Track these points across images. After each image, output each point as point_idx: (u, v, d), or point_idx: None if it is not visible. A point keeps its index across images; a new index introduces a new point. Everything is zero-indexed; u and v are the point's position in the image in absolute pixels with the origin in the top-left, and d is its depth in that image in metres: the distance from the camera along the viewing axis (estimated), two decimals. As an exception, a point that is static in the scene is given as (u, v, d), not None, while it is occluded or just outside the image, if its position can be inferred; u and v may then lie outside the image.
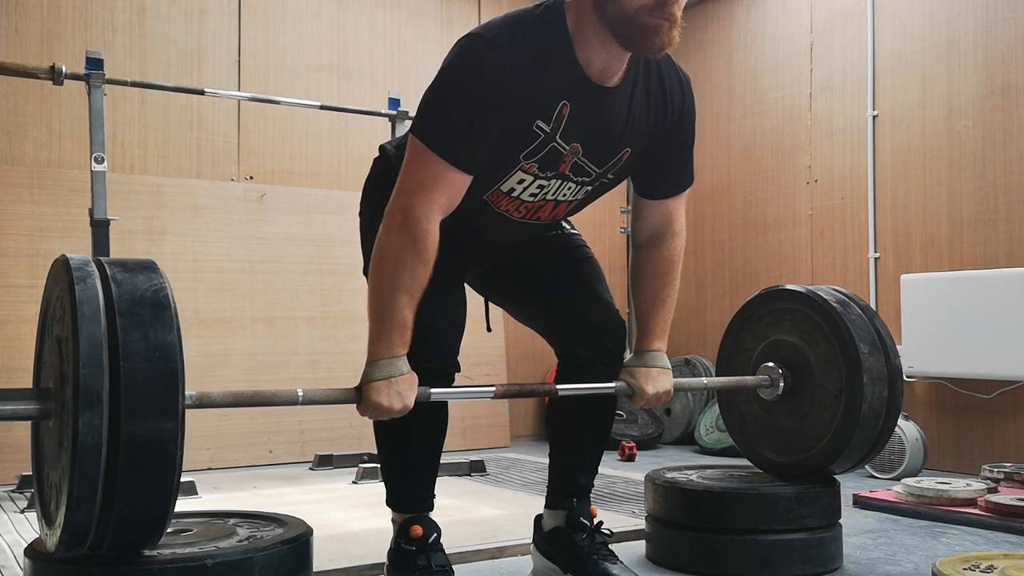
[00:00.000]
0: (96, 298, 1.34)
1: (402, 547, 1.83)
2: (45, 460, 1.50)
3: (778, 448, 2.25)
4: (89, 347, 1.29)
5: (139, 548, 1.47)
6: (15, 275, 3.62)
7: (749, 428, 2.33)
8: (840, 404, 2.10)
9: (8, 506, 2.97)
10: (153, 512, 1.38)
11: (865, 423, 2.08)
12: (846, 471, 2.22)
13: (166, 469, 1.34)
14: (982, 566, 1.93)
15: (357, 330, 4.28)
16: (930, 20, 3.92)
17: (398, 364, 1.69)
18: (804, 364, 2.18)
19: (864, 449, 2.14)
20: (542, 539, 2.06)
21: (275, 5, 4.38)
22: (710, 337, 4.93)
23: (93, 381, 1.28)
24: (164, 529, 1.42)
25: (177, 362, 1.35)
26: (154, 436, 1.32)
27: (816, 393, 2.16)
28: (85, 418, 1.27)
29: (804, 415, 2.19)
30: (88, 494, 1.30)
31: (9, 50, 3.75)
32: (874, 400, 2.08)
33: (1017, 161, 3.59)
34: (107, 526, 1.34)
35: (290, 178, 4.35)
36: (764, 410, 2.28)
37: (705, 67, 5.01)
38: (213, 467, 3.87)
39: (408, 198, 1.65)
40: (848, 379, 2.09)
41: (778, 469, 2.25)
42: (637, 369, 1.91)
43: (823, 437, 2.13)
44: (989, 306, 3.47)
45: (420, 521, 1.84)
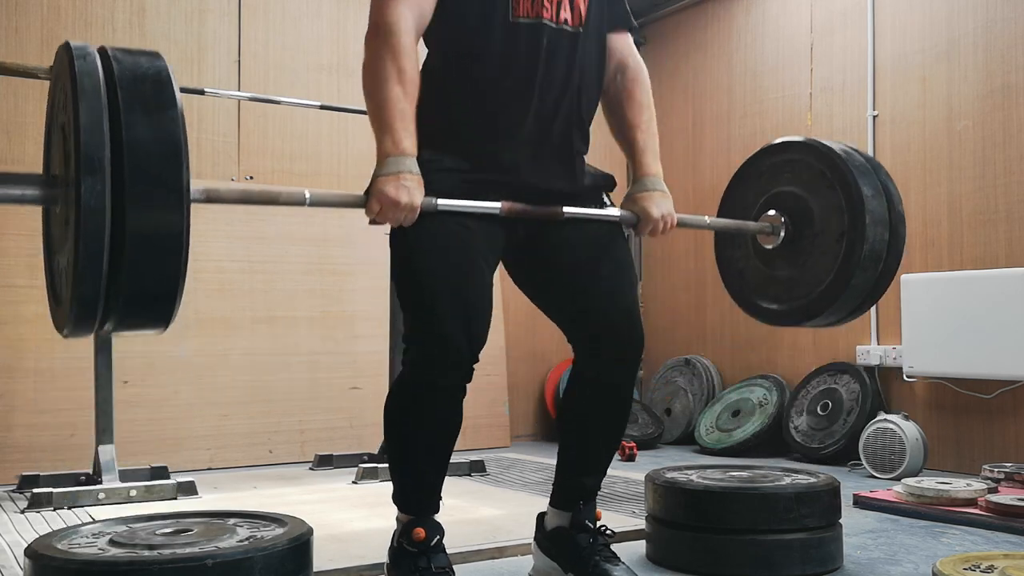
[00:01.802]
0: (95, 72, 1.31)
1: (404, 547, 1.83)
2: (54, 248, 1.49)
3: (777, 297, 2.21)
4: (89, 120, 1.27)
5: (147, 328, 1.43)
6: (15, 275, 3.62)
7: (748, 282, 2.28)
8: (841, 247, 2.06)
9: (8, 506, 2.97)
10: (160, 288, 1.34)
11: (866, 264, 2.04)
12: (845, 318, 2.17)
13: (171, 244, 1.31)
14: (982, 566, 1.93)
15: (357, 330, 4.28)
16: (930, 20, 3.92)
17: (406, 161, 1.68)
18: (805, 212, 2.14)
19: (863, 292, 2.09)
20: (544, 537, 2.06)
21: (275, 5, 4.38)
22: (710, 337, 4.93)
23: (94, 150, 1.25)
24: (172, 311, 1.38)
25: (180, 132, 1.32)
26: (159, 208, 1.30)
27: (817, 240, 2.12)
28: (87, 185, 1.25)
29: (804, 262, 2.14)
30: (94, 264, 1.27)
31: (9, 50, 3.75)
32: (875, 241, 2.04)
33: (1017, 161, 3.59)
34: (115, 301, 1.31)
35: (290, 178, 4.35)
36: (764, 262, 2.24)
37: (705, 67, 5.01)
38: (213, 467, 3.87)
39: (378, 8, 1.74)
40: (850, 221, 2.05)
41: (778, 317, 2.21)
42: (639, 195, 1.92)
43: (822, 281, 2.09)
44: (989, 306, 3.47)
45: (424, 524, 1.83)
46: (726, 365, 4.84)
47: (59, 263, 1.44)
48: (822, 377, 4.18)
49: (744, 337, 4.74)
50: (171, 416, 3.83)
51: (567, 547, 1.98)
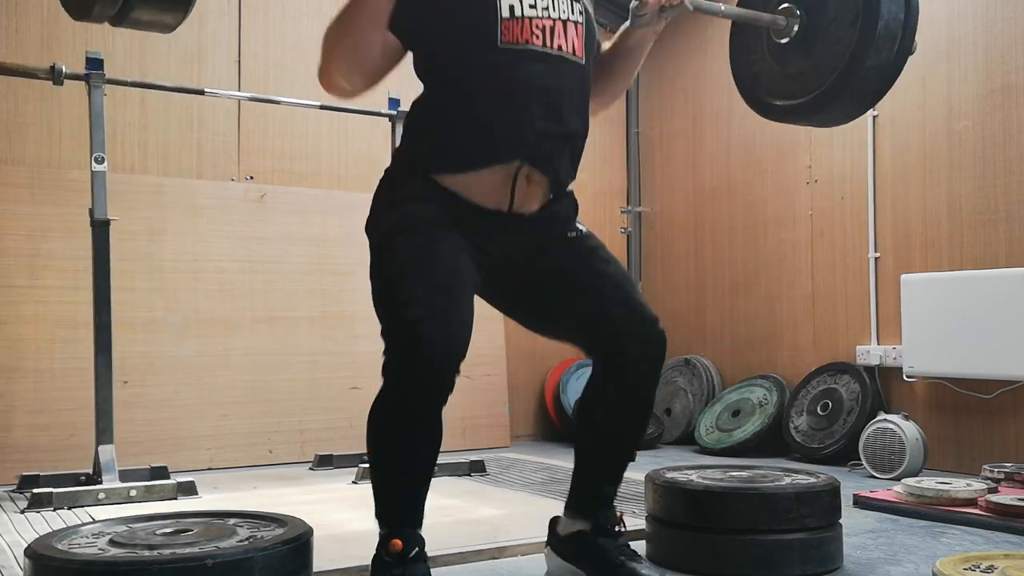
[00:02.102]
0: None
1: (382, 558, 1.78)
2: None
3: (791, 93, 2.16)
4: None
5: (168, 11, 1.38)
6: (15, 275, 3.62)
7: (763, 83, 2.24)
8: (855, 29, 2.02)
9: (8, 506, 2.97)
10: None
11: (881, 44, 2.00)
12: (854, 112, 2.13)
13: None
14: (982, 566, 1.93)
15: (357, 330, 4.28)
16: (930, 20, 3.91)
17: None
18: (819, 1, 2.10)
19: (878, 78, 2.04)
20: (560, 542, 2.03)
21: (275, 5, 4.38)
22: (710, 337, 4.93)
23: None
24: None
25: None
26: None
27: (831, 27, 2.08)
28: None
29: (819, 52, 2.10)
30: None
31: (9, 50, 3.75)
32: (890, 19, 2.00)
33: (1017, 161, 3.59)
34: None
35: (290, 178, 4.35)
36: (778, 60, 2.20)
37: (705, 67, 5.01)
38: (213, 467, 3.87)
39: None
40: (865, 1, 2.01)
41: (793, 112, 2.17)
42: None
43: (836, 67, 2.05)
44: (989, 306, 3.47)
45: (401, 535, 1.77)
46: (726, 365, 4.84)
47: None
48: (822, 377, 4.18)
49: (744, 337, 4.74)
50: (171, 416, 3.83)
51: (589, 551, 1.95)
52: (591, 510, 1.99)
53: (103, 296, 3.21)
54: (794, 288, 4.47)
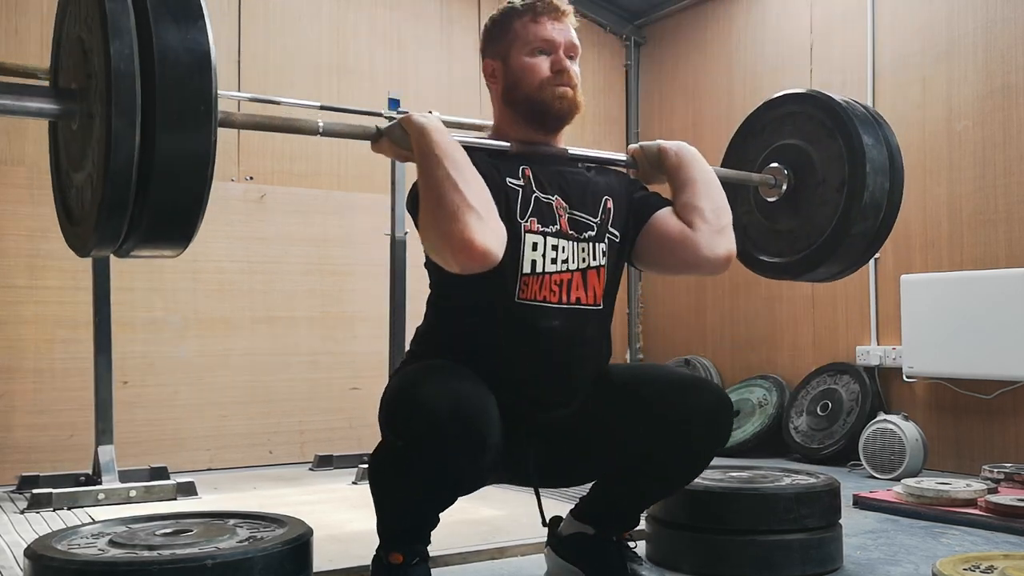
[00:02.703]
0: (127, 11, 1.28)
1: (383, 562, 1.76)
2: (66, 161, 1.47)
3: (780, 251, 2.20)
4: (120, 54, 1.24)
5: (169, 247, 1.40)
6: (15, 275, 3.62)
7: (752, 236, 2.27)
8: (842, 196, 2.05)
9: (8, 507, 2.97)
10: (186, 204, 1.33)
11: (867, 212, 2.03)
12: (846, 269, 2.16)
13: (199, 159, 1.32)
14: (982, 566, 1.93)
15: (357, 330, 4.28)
16: (930, 20, 3.92)
17: None
18: (807, 163, 2.14)
19: (865, 241, 2.08)
20: (561, 542, 2.02)
21: (275, 5, 4.38)
22: (710, 337, 4.93)
23: (127, 92, 1.24)
24: (194, 229, 1.36)
25: (208, 44, 1.34)
26: (188, 122, 1.29)
27: (818, 190, 2.11)
28: (118, 100, 1.23)
29: (806, 213, 2.14)
30: (120, 204, 1.26)
31: (9, 50, 3.75)
32: (876, 190, 2.04)
33: (1017, 161, 3.59)
34: (139, 217, 1.30)
35: (290, 178, 4.35)
36: (766, 216, 2.23)
37: (705, 68, 5.01)
38: (213, 467, 3.87)
39: None
40: (851, 170, 2.04)
41: (782, 270, 2.20)
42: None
43: (824, 230, 2.08)
44: (989, 306, 3.47)
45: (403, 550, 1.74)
46: (726, 365, 4.84)
47: (75, 180, 1.41)
48: (822, 377, 4.18)
49: (744, 337, 4.74)
50: (171, 416, 3.83)
51: (591, 552, 1.94)
52: (601, 523, 1.96)
53: (103, 296, 3.21)
54: (794, 288, 4.47)
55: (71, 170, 1.43)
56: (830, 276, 2.20)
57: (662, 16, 5.26)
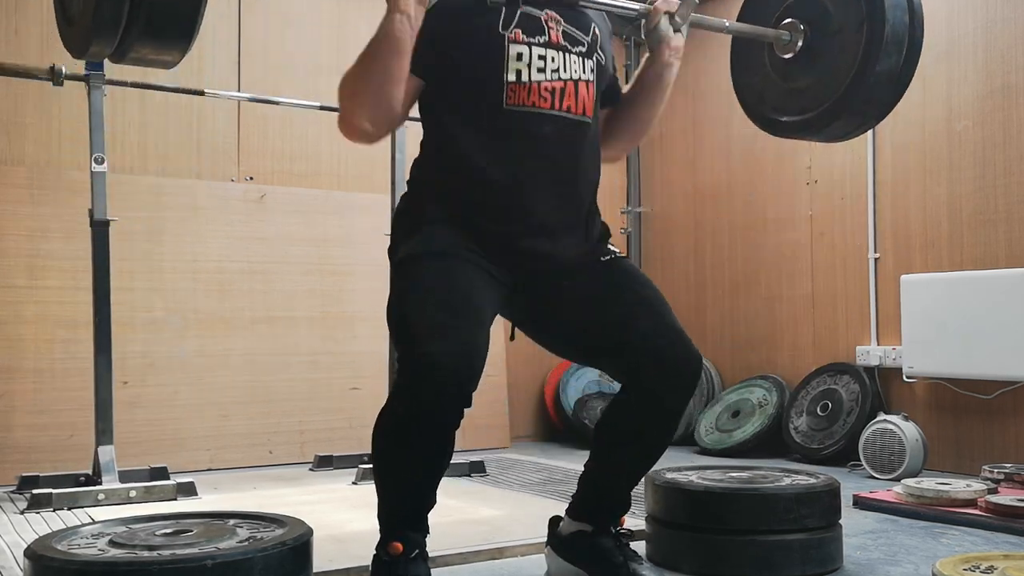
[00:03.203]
0: None
1: (381, 558, 1.77)
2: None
3: (800, 108, 2.12)
4: None
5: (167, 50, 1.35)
6: (15, 276, 3.62)
7: (768, 100, 2.20)
8: (862, 35, 1.99)
9: (8, 507, 2.97)
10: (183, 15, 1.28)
11: (889, 49, 1.97)
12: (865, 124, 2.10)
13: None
14: (982, 567, 1.93)
15: (357, 330, 4.28)
16: (930, 20, 3.87)
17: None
18: (822, 13, 2.08)
19: (889, 83, 2.01)
20: (561, 542, 2.03)
21: (275, 5, 4.38)
22: (710, 337, 4.93)
23: None
24: (193, 30, 1.31)
25: None
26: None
27: (836, 38, 2.05)
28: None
29: (826, 64, 2.07)
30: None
31: (9, 50, 3.75)
32: (896, 23, 1.98)
33: (1017, 161, 3.59)
34: (137, 14, 1.25)
35: (290, 179, 4.35)
36: (783, 76, 2.16)
37: (705, 68, 5.00)
38: (213, 468, 3.87)
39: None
40: (868, 7, 1.98)
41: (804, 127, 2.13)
42: None
43: (847, 76, 2.01)
44: (989, 306, 3.47)
45: (402, 538, 1.76)
46: (726, 365, 4.84)
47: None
48: (822, 378, 4.18)
49: (744, 337, 4.74)
50: (171, 416, 3.83)
51: (591, 551, 1.95)
52: (596, 516, 1.98)
53: (103, 296, 3.21)
54: (794, 288, 4.47)
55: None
56: (853, 128, 2.09)
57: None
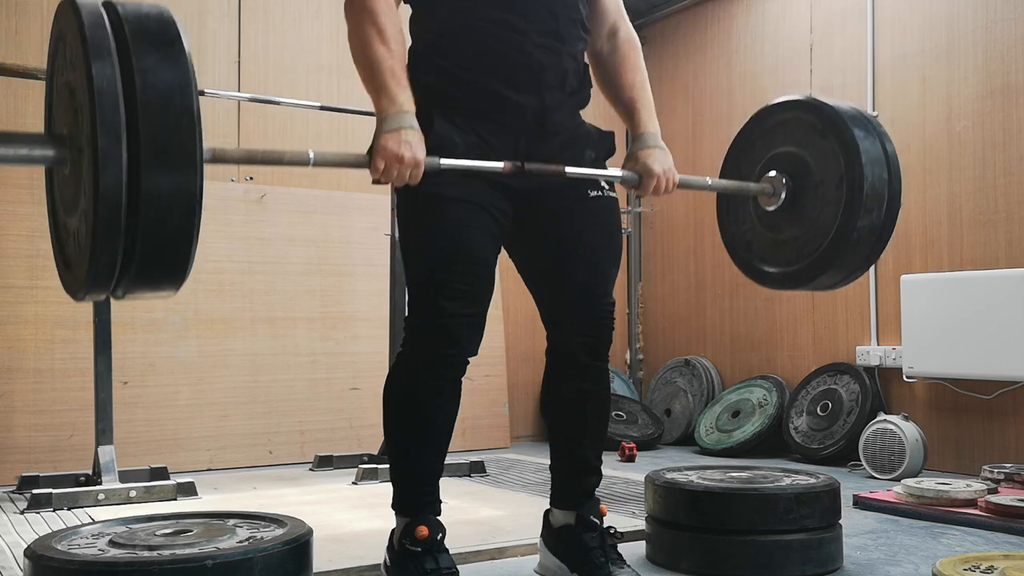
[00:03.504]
0: (103, 28, 1.29)
1: (407, 548, 1.81)
2: (62, 211, 1.47)
3: (787, 259, 2.17)
4: (102, 74, 1.25)
5: (161, 289, 1.42)
6: (15, 276, 3.62)
7: (757, 252, 2.24)
8: (842, 191, 2.03)
9: (8, 507, 2.97)
10: (177, 247, 1.33)
11: (870, 205, 2.01)
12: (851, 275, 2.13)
13: (187, 200, 1.30)
14: (982, 567, 1.93)
15: (357, 331, 4.28)
16: (930, 20, 3.92)
17: (405, 117, 1.69)
18: (803, 167, 2.12)
19: (871, 237, 2.05)
20: (551, 535, 2.06)
21: (275, 6, 4.38)
22: (710, 337, 4.93)
23: (109, 112, 1.24)
24: (186, 271, 1.38)
25: (192, 95, 1.30)
26: (176, 168, 1.28)
27: (818, 191, 2.09)
28: (104, 147, 1.23)
29: (809, 216, 2.11)
30: (112, 224, 1.26)
31: (9, 50, 3.75)
32: (875, 180, 2.01)
33: (1017, 162, 3.59)
34: (131, 262, 1.31)
35: (290, 179, 4.35)
36: (769, 228, 2.20)
37: (705, 68, 5.01)
38: (213, 468, 3.87)
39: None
40: (847, 164, 2.02)
41: (791, 279, 2.17)
42: (639, 152, 1.94)
43: (829, 230, 2.05)
44: (989, 306, 3.47)
45: (426, 521, 1.82)
46: (726, 366, 4.84)
47: (70, 225, 1.42)
48: (822, 378, 4.18)
49: (744, 338, 4.74)
50: (171, 416, 3.83)
51: (574, 546, 1.97)
52: (573, 499, 2.01)
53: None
54: (794, 289, 4.47)
55: (66, 216, 1.44)
56: (839, 280, 2.15)
57: (662, 16, 5.27)
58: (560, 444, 2.05)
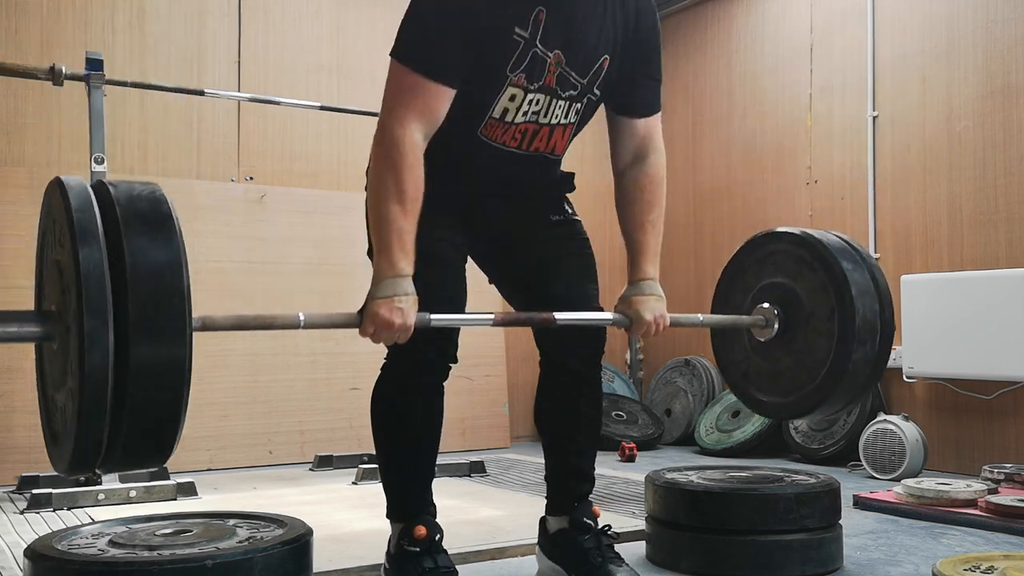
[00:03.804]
0: (91, 210, 1.30)
1: (405, 549, 1.82)
2: (50, 385, 1.48)
3: (784, 390, 2.18)
4: (89, 259, 1.26)
5: (146, 466, 1.44)
6: (15, 276, 3.62)
7: (754, 382, 2.26)
8: (834, 325, 2.05)
9: (8, 507, 2.97)
10: (163, 427, 1.34)
11: (863, 337, 2.02)
12: (848, 404, 2.16)
13: (175, 383, 1.31)
14: (982, 567, 1.93)
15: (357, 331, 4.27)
16: (930, 20, 3.92)
17: (402, 283, 1.69)
18: (794, 298, 2.14)
19: (864, 371, 2.06)
20: (547, 541, 2.05)
21: (275, 6, 4.38)
22: (710, 337, 4.93)
23: (96, 293, 1.25)
24: (174, 445, 1.38)
25: (183, 276, 1.32)
26: (164, 349, 1.29)
27: (810, 322, 2.11)
28: (91, 330, 1.24)
29: (802, 348, 2.13)
30: (98, 406, 1.27)
31: (9, 51, 3.75)
32: (866, 312, 2.02)
33: (1017, 162, 3.59)
34: (117, 441, 1.31)
35: (290, 179, 4.35)
36: (765, 358, 2.22)
37: (705, 68, 5.01)
38: (213, 468, 3.87)
39: (388, 114, 1.71)
40: (837, 297, 2.04)
41: (790, 410, 2.19)
42: (633, 298, 1.91)
43: (824, 363, 2.07)
44: (989, 306, 3.47)
45: (423, 521, 1.83)
46: (726, 366, 4.84)
47: (57, 400, 1.43)
48: (822, 378, 4.18)
49: (744, 338, 4.73)
50: (171, 417, 3.83)
51: (570, 549, 1.97)
52: (567, 505, 2.01)
53: (103, 297, 3.20)
54: (794, 289, 4.47)
55: (54, 392, 1.44)
56: (839, 409, 2.18)
57: (662, 16, 5.26)
58: (554, 452, 2.05)
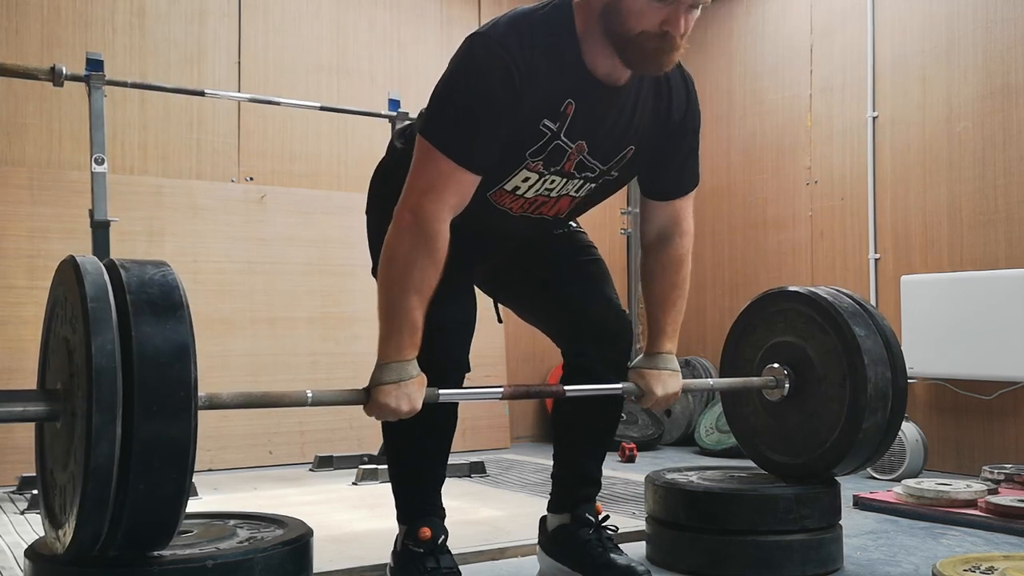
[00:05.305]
0: (107, 299, 1.32)
1: (409, 549, 1.82)
2: (51, 461, 1.48)
3: (794, 451, 2.22)
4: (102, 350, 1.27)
5: (149, 551, 1.46)
6: (15, 276, 3.62)
7: (762, 439, 2.30)
8: (846, 391, 2.08)
9: (8, 507, 2.97)
10: (164, 517, 1.37)
11: (874, 406, 2.05)
12: (861, 467, 2.19)
13: (178, 473, 1.33)
14: (982, 567, 1.93)
15: (357, 331, 4.28)
16: (930, 20, 3.92)
17: (407, 367, 1.68)
18: (805, 360, 2.17)
19: (876, 437, 2.10)
20: (547, 540, 2.06)
21: (275, 6, 4.38)
22: (710, 338, 4.93)
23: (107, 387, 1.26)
24: (174, 532, 1.41)
25: (191, 367, 1.33)
26: (168, 441, 1.31)
27: (821, 385, 2.14)
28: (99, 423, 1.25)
29: (813, 410, 2.16)
30: (101, 500, 1.28)
31: (9, 51, 3.75)
32: (879, 380, 2.05)
33: (1017, 162, 3.59)
34: (117, 530, 1.33)
35: (290, 179, 4.35)
36: (774, 417, 2.26)
37: (705, 68, 5.01)
38: (213, 468, 3.87)
39: (418, 198, 1.65)
40: (849, 363, 2.07)
41: (797, 471, 2.22)
42: (646, 371, 1.91)
43: (835, 428, 2.10)
44: (989, 307, 3.46)
45: (429, 523, 1.83)
46: (726, 366, 4.84)
47: (56, 480, 1.43)
48: (822, 378, 4.18)
49: (744, 338, 4.73)
50: (171, 417, 3.83)
51: (571, 543, 1.97)
52: (569, 506, 2.01)
53: (103, 297, 3.20)
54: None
55: (56, 470, 1.44)
56: (850, 472, 2.20)
57: (662, 16, 5.26)
58: (566, 454, 2.05)
